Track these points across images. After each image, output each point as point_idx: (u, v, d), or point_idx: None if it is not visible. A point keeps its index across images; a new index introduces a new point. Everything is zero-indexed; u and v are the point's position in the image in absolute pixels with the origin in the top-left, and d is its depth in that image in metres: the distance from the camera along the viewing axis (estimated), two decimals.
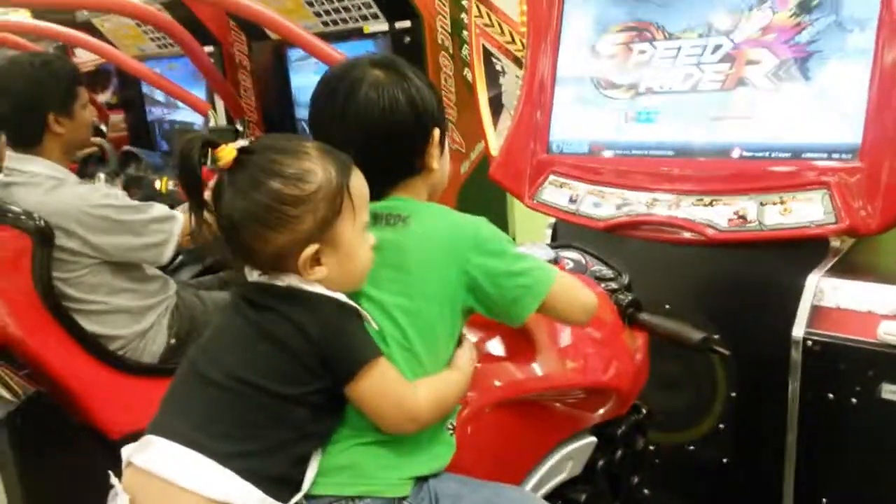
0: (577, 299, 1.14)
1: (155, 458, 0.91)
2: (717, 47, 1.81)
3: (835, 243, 1.66)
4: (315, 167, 0.93)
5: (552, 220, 2.10)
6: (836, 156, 1.63)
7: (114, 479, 0.95)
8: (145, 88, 4.34)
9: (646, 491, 1.84)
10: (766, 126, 1.74)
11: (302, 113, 3.40)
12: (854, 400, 1.44)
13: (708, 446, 1.86)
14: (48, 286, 1.82)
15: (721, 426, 1.84)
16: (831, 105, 1.65)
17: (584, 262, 1.47)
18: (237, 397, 0.93)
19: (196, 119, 3.74)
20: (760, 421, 1.73)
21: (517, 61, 2.08)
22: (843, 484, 1.52)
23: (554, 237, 2.13)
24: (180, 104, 3.77)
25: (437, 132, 1.10)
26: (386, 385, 0.97)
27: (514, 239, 2.58)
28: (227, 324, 1.00)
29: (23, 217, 1.79)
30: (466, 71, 2.50)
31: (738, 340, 1.71)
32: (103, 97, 4.68)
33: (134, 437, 2.04)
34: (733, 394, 1.82)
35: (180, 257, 2.42)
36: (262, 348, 0.94)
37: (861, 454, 1.49)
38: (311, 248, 0.93)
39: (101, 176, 3.18)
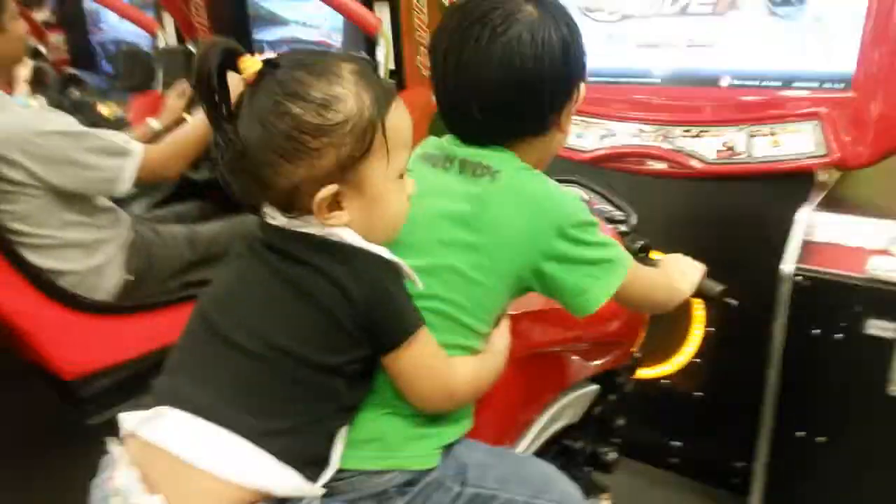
0: (650, 298, 1.09)
1: (172, 432, 0.77)
2: None
3: (822, 177, 1.63)
4: (346, 94, 0.79)
5: None
6: (827, 85, 1.58)
7: (113, 447, 0.81)
8: (87, 5, 4.02)
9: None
10: (756, 53, 1.67)
11: (261, 34, 3.19)
12: (839, 336, 1.43)
13: (684, 380, 1.86)
14: None
15: (698, 360, 1.84)
16: (825, 33, 1.58)
17: (587, 199, 1.39)
18: (272, 367, 0.80)
19: (143, 39, 3.50)
20: (737, 356, 1.73)
21: None
22: (820, 419, 1.54)
23: None
24: (126, 23, 3.50)
25: (583, 87, 0.99)
26: (426, 358, 0.87)
27: None
28: (247, 275, 0.85)
29: None
30: None
31: (721, 275, 1.69)
32: (41, 16, 4.32)
33: (89, 378, 1.92)
34: (711, 328, 1.81)
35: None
36: (298, 310, 0.81)
37: (841, 389, 1.49)
38: (330, 189, 0.79)
39: (42, 100, 2.97)
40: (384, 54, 2.22)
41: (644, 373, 1.92)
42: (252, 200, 0.85)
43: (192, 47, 2.98)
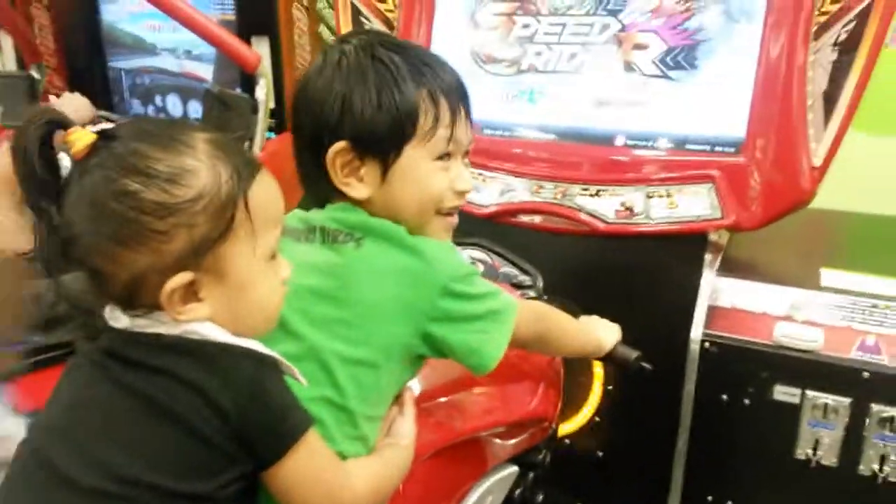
0: (555, 337, 1.05)
1: None
2: (605, 27, 1.72)
3: (713, 237, 1.66)
4: (199, 166, 0.67)
5: None
6: (719, 149, 1.62)
7: None
8: None
9: None
10: (651, 114, 1.69)
11: (117, 60, 2.90)
12: (747, 401, 1.45)
13: (584, 439, 1.83)
14: None
15: (597, 419, 1.81)
16: (717, 97, 1.62)
17: (491, 262, 1.31)
18: None
19: None
20: (639, 415, 1.71)
21: (388, 24, 1.85)
22: (729, 483, 1.54)
23: None
24: None
25: (339, 146, 0.84)
26: (317, 467, 0.74)
27: None
28: (86, 393, 0.70)
29: None
30: (322, 27, 2.22)
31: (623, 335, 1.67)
32: None
33: None
34: (609, 386, 1.79)
35: None
36: (151, 430, 0.67)
37: (750, 453, 1.51)
38: (182, 278, 0.67)
39: None
40: (265, 92, 2.06)
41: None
42: (85, 302, 0.70)
43: (35, 73, 2.64)
